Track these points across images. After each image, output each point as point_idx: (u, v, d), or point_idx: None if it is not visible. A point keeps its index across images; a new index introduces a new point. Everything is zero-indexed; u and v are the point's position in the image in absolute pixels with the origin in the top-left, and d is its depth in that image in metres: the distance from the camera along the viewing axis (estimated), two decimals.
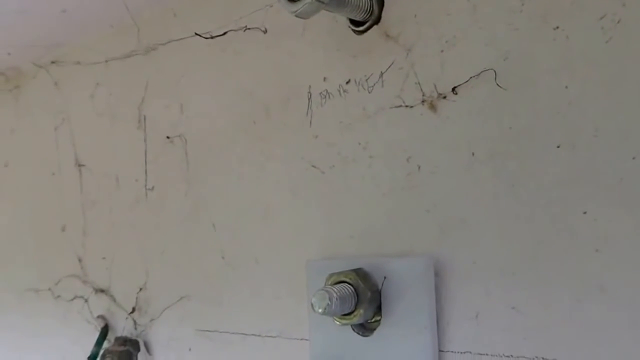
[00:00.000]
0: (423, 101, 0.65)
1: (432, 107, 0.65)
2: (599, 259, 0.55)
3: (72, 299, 1.04)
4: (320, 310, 0.60)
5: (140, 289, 0.92)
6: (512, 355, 0.59)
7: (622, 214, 0.54)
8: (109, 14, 0.91)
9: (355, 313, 0.63)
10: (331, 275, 0.65)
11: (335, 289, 0.62)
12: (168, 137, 0.89)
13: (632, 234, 0.54)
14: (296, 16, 0.60)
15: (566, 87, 0.57)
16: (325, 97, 0.73)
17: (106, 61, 0.97)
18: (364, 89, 0.70)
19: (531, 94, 0.59)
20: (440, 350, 0.63)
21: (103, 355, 0.88)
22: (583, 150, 0.56)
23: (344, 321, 0.64)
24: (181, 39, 0.88)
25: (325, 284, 0.65)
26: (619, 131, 0.55)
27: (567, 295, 0.56)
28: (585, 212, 0.56)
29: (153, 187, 0.91)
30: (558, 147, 0.57)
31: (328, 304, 0.60)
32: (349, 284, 0.63)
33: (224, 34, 0.83)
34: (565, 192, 0.57)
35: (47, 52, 1.06)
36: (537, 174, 0.58)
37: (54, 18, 0.92)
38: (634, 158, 0.54)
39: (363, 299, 0.63)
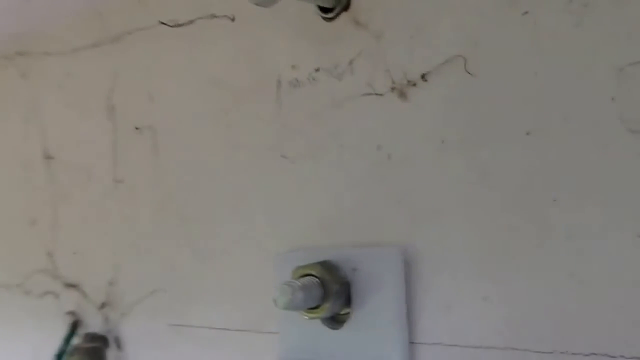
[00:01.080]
0: (393, 89, 0.64)
1: (402, 94, 0.63)
2: (571, 247, 0.54)
3: (43, 295, 1.02)
4: (282, 306, 0.59)
5: (111, 284, 0.91)
6: (483, 346, 0.58)
7: (592, 202, 0.53)
8: (74, 1, 0.89)
9: (322, 307, 0.62)
10: (297, 268, 0.64)
11: (299, 283, 0.60)
12: (137, 128, 0.87)
13: (603, 221, 0.53)
14: (256, 5, 0.59)
15: (535, 73, 0.56)
16: (295, 85, 0.71)
17: (74, 51, 0.95)
18: (334, 77, 0.68)
19: (501, 80, 0.58)
20: (411, 342, 0.62)
21: (71, 352, 0.86)
22: (553, 138, 0.55)
23: (311, 315, 0.63)
24: (147, 27, 0.86)
25: (290, 278, 0.63)
26: (589, 117, 0.54)
27: (539, 284, 0.55)
28: (555, 200, 0.55)
29: (122, 179, 0.89)
30: (528, 134, 0.56)
31: (290, 299, 0.58)
32: (315, 277, 0.62)
33: (191, 22, 0.81)
34: (536, 180, 0.56)
35: (12, 43, 1.04)
36: (508, 161, 0.57)
37: (17, 7, 0.89)
38: (603, 145, 0.53)
39: (330, 292, 0.62)
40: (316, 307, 0.62)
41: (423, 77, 0.62)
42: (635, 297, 0.52)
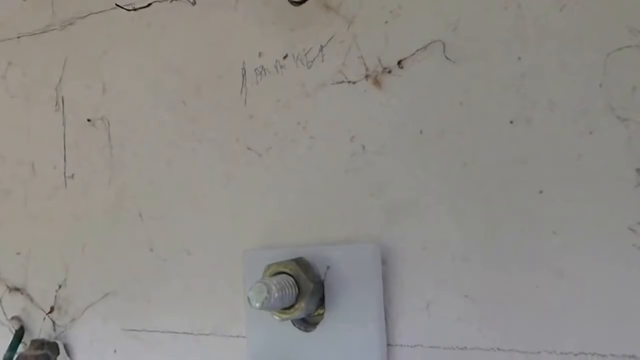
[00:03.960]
0: (367, 76, 0.61)
1: (377, 82, 0.60)
2: (557, 241, 0.52)
3: None
4: (257, 305, 0.54)
5: (60, 286, 0.84)
6: (466, 347, 0.55)
7: (580, 193, 0.51)
8: None
9: (296, 307, 0.58)
10: (269, 266, 0.60)
11: (275, 281, 0.56)
12: (89, 120, 0.81)
13: (590, 213, 0.51)
14: None
15: (519, 58, 0.54)
16: (261, 73, 0.67)
17: (18, 37, 0.88)
18: (303, 64, 0.64)
19: (482, 66, 0.55)
20: (388, 344, 0.59)
21: None
22: (538, 126, 0.53)
23: (284, 316, 0.59)
24: (101, 11, 0.80)
25: (263, 276, 0.59)
26: (575, 104, 0.52)
27: (524, 280, 0.53)
28: (541, 192, 0.53)
29: (73, 175, 0.83)
30: (511, 122, 0.54)
31: (266, 297, 0.54)
32: (289, 275, 0.58)
33: (148, 5, 0.76)
34: (520, 171, 0.54)
35: None
36: (490, 152, 0.55)
37: None
38: (591, 133, 0.51)
39: (305, 291, 0.58)
40: (290, 308, 0.58)
41: (399, 63, 0.59)
42: (624, 293, 0.50)
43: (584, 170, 0.51)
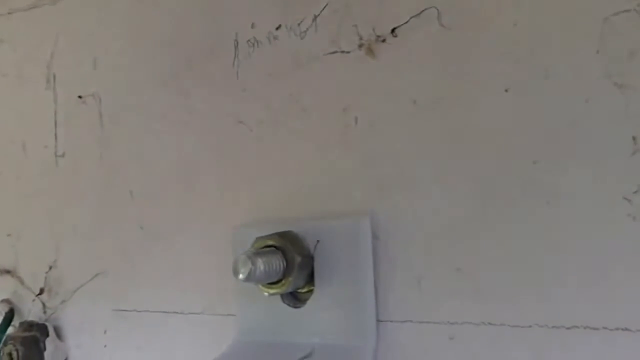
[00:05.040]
0: (360, 46, 0.59)
1: (370, 52, 0.59)
2: (552, 213, 0.50)
3: None
4: (242, 277, 0.53)
5: (50, 268, 0.83)
6: (457, 322, 0.54)
7: (574, 163, 0.50)
8: None
9: (284, 281, 0.57)
10: (257, 239, 0.58)
11: (261, 253, 0.55)
12: (80, 97, 0.80)
13: (585, 183, 0.49)
14: None
15: (515, 24, 0.52)
16: (254, 45, 0.66)
17: (9, 13, 0.87)
18: (296, 35, 0.63)
19: (477, 33, 0.54)
20: (378, 320, 0.57)
21: (4, 342, 0.79)
22: (533, 94, 0.52)
23: (272, 290, 0.57)
24: None
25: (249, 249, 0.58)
26: (571, 71, 0.50)
27: (517, 253, 0.51)
28: (535, 162, 0.51)
29: (64, 153, 0.82)
30: (506, 91, 0.53)
31: (251, 270, 0.53)
32: (277, 248, 0.57)
33: None
34: (514, 141, 0.52)
35: None
36: (484, 121, 0.53)
37: None
38: (587, 100, 0.50)
39: (292, 264, 0.56)
40: (277, 282, 0.56)
41: (393, 32, 0.58)
42: (619, 265, 0.48)
43: (579, 139, 0.50)
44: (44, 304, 0.84)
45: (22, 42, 0.87)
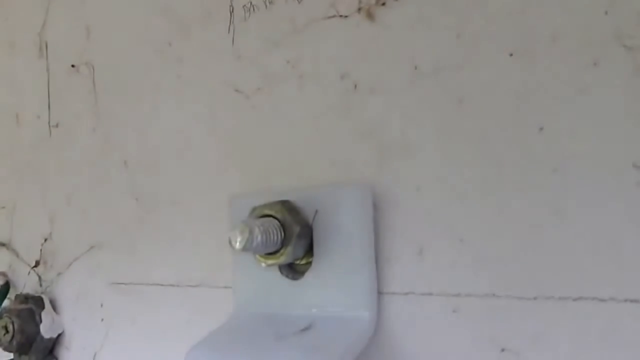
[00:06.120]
0: (359, 9, 0.57)
1: (370, 15, 0.57)
2: (558, 180, 0.49)
3: None
4: (239, 246, 0.51)
5: (45, 240, 0.82)
6: (460, 294, 0.53)
7: (582, 129, 0.48)
8: None
9: (282, 251, 0.55)
10: (254, 208, 0.57)
11: (258, 223, 0.53)
12: (73, 66, 0.78)
13: (593, 150, 0.47)
14: None
15: None
16: (249, 10, 0.64)
17: None
18: None
19: None
20: (379, 292, 0.56)
21: (0, 315, 0.78)
22: (539, 58, 0.49)
23: (269, 261, 0.56)
24: None
25: (247, 218, 0.56)
26: (580, 34, 0.48)
27: (522, 221, 0.50)
28: (541, 129, 0.49)
29: (58, 124, 0.80)
30: (511, 55, 0.50)
31: (248, 239, 0.51)
32: (275, 217, 0.55)
33: None
34: (520, 107, 0.50)
35: None
36: (488, 87, 0.51)
37: None
38: (595, 64, 0.48)
39: (291, 234, 0.55)
40: (275, 252, 0.55)
41: None
42: (627, 234, 0.47)
43: (587, 104, 0.48)
44: (39, 277, 0.83)
45: (14, 10, 0.84)
